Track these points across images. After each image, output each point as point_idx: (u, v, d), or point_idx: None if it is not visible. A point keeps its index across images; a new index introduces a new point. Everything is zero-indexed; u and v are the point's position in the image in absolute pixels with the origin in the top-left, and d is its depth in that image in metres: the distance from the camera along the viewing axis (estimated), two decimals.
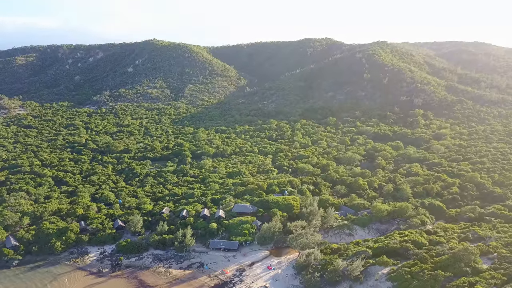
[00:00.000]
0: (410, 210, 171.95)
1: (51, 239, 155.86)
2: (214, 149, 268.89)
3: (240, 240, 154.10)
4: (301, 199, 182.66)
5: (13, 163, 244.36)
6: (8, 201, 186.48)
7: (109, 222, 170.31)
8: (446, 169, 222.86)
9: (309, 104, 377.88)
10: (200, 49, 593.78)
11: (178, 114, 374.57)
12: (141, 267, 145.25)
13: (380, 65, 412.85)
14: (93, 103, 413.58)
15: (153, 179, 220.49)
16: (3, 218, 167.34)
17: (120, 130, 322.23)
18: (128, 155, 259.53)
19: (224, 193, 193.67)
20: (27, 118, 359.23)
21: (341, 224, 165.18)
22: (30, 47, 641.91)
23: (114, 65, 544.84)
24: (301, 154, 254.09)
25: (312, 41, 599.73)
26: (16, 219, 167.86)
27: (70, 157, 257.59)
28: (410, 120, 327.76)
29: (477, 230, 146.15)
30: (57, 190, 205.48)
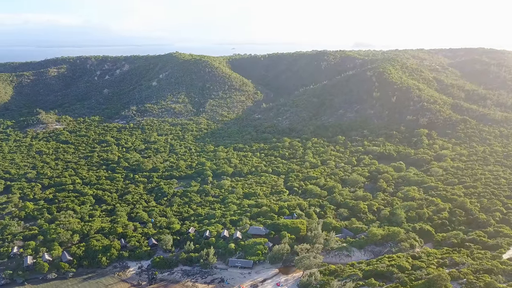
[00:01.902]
0: (402, 234, 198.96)
1: (98, 255, 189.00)
2: (232, 169, 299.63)
3: (254, 259, 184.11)
4: (307, 222, 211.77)
5: (58, 180, 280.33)
6: (60, 219, 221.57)
7: (144, 240, 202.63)
8: (441, 193, 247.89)
9: (320, 122, 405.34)
10: (220, 62, 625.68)
11: (199, 130, 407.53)
12: (172, 281, 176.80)
13: (389, 83, 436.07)
14: (122, 118, 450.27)
15: (180, 199, 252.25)
16: (57, 235, 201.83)
17: (147, 147, 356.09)
18: (156, 174, 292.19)
19: (241, 214, 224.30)
20: (63, 133, 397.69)
21: (340, 246, 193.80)
22: (61, 58, 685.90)
23: (140, 78, 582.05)
24: (311, 175, 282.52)
25: (327, 54, 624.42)
26: (68, 236, 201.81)
27: (106, 175, 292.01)
28: (414, 140, 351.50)
29: (454, 257, 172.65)
30: (98, 208, 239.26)
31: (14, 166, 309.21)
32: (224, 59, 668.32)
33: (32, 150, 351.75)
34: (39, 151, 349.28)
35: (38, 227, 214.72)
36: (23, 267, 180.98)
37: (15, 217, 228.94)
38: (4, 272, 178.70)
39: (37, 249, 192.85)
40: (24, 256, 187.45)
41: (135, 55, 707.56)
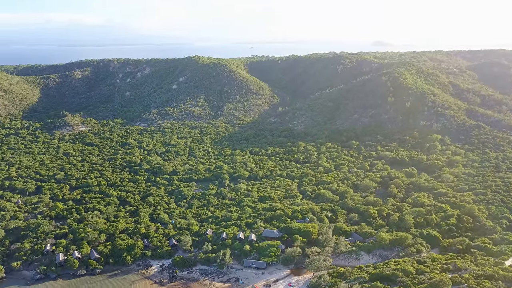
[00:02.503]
0: (409, 240, 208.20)
1: (123, 253, 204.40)
2: (248, 172, 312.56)
3: (268, 260, 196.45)
4: (319, 226, 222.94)
5: (84, 182, 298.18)
6: (87, 219, 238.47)
7: (165, 240, 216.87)
8: (450, 199, 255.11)
9: (335, 126, 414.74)
10: (238, 65, 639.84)
11: (217, 133, 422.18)
12: (191, 279, 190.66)
13: (404, 88, 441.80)
14: (143, 121, 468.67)
15: (198, 201, 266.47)
16: (86, 234, 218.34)
17: (168, 150, 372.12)
18: (176, 177, 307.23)
19: (256, 217, 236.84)
20: (88, 135, 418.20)
21: (349, 250, 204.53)
22: (85, 61, 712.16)
23: (160, 81, 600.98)
24: (324, 180, 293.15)
25: (343, 57, 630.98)
26: (95, 236, 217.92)
27: (129, 177, 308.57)
28: (427, 145, 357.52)
29: (457, 262, 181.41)
30: (122, 209, 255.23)
31: (43, 167, 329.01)
32: (242, 62, 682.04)
33: (60, 152, 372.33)
34: (66, 153, 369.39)
35: (68, 226, 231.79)
36: (56, 263, 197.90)
37: (47, 216, 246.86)
38: (39, 267, 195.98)
39: (68, 247, 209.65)
40: (56, 253, 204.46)
41: (155, 58, 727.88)
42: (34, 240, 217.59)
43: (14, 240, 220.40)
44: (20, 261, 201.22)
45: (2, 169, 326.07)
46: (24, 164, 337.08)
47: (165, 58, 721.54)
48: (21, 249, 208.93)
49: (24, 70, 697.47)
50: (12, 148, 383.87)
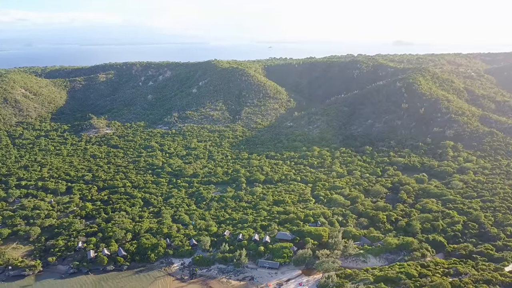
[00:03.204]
0: (415, 244, 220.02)
1: (147, 251, 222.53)
2: (264, 176, 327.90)
3: (281, 261, 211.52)
4: (330, 229, 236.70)
5: (111, 183, 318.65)
6: (114, 219, 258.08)
7: (186, 240, 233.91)
8: (458, 206, 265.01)
9: (349, 131, 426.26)
10: (256, 69, 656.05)
11: (235, 137, 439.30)
12: (210, 277, 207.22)
13: (418, 94, 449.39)
14: (165, 124, 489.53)
15: (217, 203, 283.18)
16: (113, 233, 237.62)
17: (188, 153, 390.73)
18: (196, 179, 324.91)
19: (270, 220, 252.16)
20: (113, 138, 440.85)
21: (357, 253, 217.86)
22: (109, 64, 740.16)
23: (180, 84, 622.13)
24: (336, 185, 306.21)
25: (359, 62, 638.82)
26: (122, 235, 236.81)
27: (152, 179, 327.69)
28: (439, 152, 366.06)
29: (459, 267, 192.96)
30: (146, 210, 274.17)
31: (73, 169, 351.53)
32: (260, 66, 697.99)
33: (87, 153, 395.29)
34: (93, 154, 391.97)
35: (97, 225, 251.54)
36: (87, 259, 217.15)
37: (77, 215, 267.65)
38: (72, 263, 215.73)
39: (98, 244, 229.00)
40: (87, 250, 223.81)
41: (176, 61, 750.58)
42: (67, 238, 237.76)
43: (49, 237, 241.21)
44: (55, 257, 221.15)
45: (35, 169, 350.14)
46: (55, 165, 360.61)
47: (185, 62, 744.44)
48: (55, 246, 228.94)
49: (51, 73, 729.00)
50: (43, 149, 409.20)
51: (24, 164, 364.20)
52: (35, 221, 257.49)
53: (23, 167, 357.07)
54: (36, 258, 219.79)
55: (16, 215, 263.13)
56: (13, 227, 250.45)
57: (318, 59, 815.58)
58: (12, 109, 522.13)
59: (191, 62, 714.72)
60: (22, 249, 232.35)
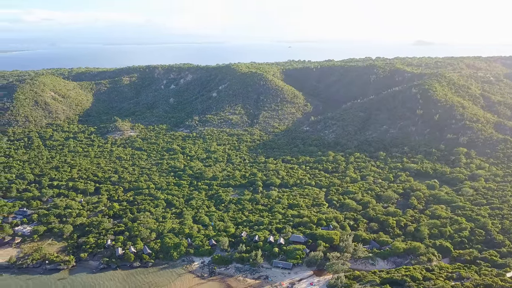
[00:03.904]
0: (422, 249, 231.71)
1: (170, 250, 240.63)
2: (280, 180, 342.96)
3: (294, 262, 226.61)
4: (341, 233, 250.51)
5: (135, 185, 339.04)
6: (140, 219, 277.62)
7: (206, 240, 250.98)
8: (467, 213, 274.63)
9: (364, 137, 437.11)
10: (274, 73, 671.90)
11: (253, 141, 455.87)
12: (228, 275, 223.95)
13: (433, 101, 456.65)
14: (186, 127, 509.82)
15: (235, 206, 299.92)
16: (139, 232, 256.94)
17: (208, 156, 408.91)
18: (216, 182, 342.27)
19: (285, 223, 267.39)
20: (137, 140, 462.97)
21: (366, 256, 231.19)
22: (133, 67, 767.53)
23: (201, 88, 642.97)
24: (349, 190, 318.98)
25: (376, 67, 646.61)
26: (147, 234, 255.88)
27: (174, 181, 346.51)
28: (452, 158, 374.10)
29: (462, 272, 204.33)
30: (169, 211, 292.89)
31: (100, 170, 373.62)
32: (278, 70, 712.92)
33: (113, 155, 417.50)
34: (119, 156, 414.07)
35: (124, 225, 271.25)
36: (116, 256, 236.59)
37: (106, 215, 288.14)
38: (102, 259, 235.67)
39: (125, 242, 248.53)
40: (115, 248, 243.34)
41: (197, 65, 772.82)
42: (97, 235, 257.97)
43: (81, 235, 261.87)
44: (87, 253, 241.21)
45: (65, 170, 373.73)
46: (83, 166, 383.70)
47: (204, 64, 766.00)
48: (87, 243, 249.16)
49: (78, 75, 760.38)
50: (72, 151, 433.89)
51: (55, 165, 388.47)
52: (67, 220, 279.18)
53: (55, 167, 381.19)
54: (70, 254, 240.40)
55: (50, 213, 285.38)
56: (48, 225, 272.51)
57: (336, 62, 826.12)
58: (43, 111, 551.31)
59: (211, 66, 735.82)
60: (56, 245, 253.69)
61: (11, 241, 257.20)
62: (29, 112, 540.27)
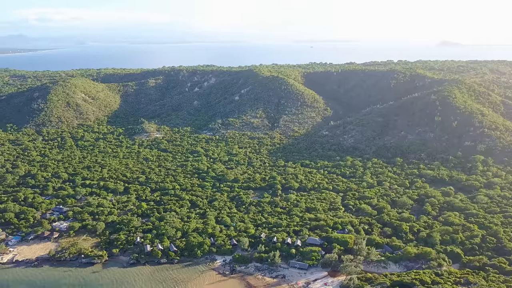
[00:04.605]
0: (433, 254, 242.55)
1: (194, 248, 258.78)
2: (298, 184, 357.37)
3: (309, 263, 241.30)
4: (355, 237, 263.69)
5: (162, 185, 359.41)
6: (166, 218, 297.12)
7: (227, 240, 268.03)
8: (479, 220, 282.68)
9: (382, 142, 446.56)
10: (295, 77, 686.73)
11: (273, 144, 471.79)
12: (247, 273, 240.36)
13: (452, 108, 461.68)
14: (209, 130, 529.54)
15: (255, 208, 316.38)
16: (166, 231, 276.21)
17: (230, 159, 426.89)
18: (237, 184, 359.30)
19: (302, 226, 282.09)
20: (163, 142, 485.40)
21: (379, 260, 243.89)
22: (158, 70, 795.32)
23: (224, 91, 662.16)
24: (366, 195, 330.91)
25: (397, 72, 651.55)
26: (173, 232, 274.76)
27: (198, 183, 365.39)
28: (469, 166, 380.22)
29: (469, 277, 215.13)
30: (193, 211, 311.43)
31: (128, 171, 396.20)
32: (299, 73, 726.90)
33: (140, 156, 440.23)
34: (146, 158, 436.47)
35: (151, 223, 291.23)
36: (144, 252, 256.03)
37: (135, 213, 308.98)
38: (132, 255, 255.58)
39: (153, 240, 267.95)
40: (144, 245, 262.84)
41: (219, 66, 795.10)
42: (127, 233, 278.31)
43: (112, 232, 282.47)
44: (118, 249, 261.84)
45: (96, 170, 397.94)
46: (113, 166, 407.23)
47: (228, 66, 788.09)
48: (118, 239, 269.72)
49: (106, 77, 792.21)
50: (102, 151, 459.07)
51: (87, 164, 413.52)
52: (99, 217, 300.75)
53: (87, 167, 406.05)
54: (103, 249, 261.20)
55: (84, 211, 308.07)
56: (82, 222, 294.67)
57: (357, 65, 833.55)
58: (74, 112, 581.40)
59: (234, 69, 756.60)
60: (90, 241, 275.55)
61: (50, 235, 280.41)
62: (61, 113, 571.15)
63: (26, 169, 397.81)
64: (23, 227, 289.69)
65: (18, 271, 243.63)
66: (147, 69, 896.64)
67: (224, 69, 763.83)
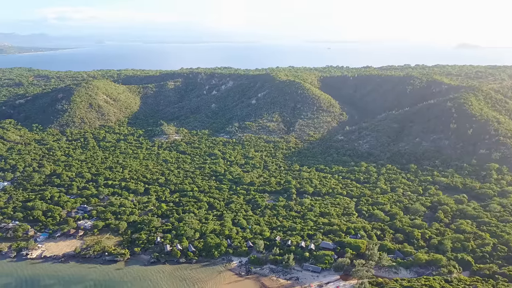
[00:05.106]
0: (443, 261, 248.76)
1: (212, 249, 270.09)
2: (312, 188, 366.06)
3: (322, 266, 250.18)
4: (368, 242, 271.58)
5: (180, 187, 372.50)
6: (185, 219, 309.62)
7: (244, 242, 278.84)
8: (491, 229, 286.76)
9: (397, 148, 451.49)
10: (312, 81, 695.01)
11: (288, 148, 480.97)
12: (262, 274, 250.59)
13: (468, 115, 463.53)
14: (226, 133, 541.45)
15: (270, 211, 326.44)
16: (185, 231, 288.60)
17: (246, 162, 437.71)
18: (253, 188, 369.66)
19: (316, 230, 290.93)
20: (181, 144, 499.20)
21: (390, 265, 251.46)
22: (177, 72, 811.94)
23: (241, 95, 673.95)
24: (379, 201, 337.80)
25: (413, 78, 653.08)
26: (192, 233, 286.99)
27: (215, 185, 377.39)
28: (483, 174, 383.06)
29: (478, 285, 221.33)
30: (210, 213, 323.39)
31: (148, 172, 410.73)
32: (315, 77, 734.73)
33: (160, 158, 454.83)
34: (165, 159, 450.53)
35: (171, 224, 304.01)
36: (164, 252, 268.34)
37: (155, 214, 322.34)
38: (153, 254, 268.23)
39: (172, 240, 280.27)
40: (164, 244, 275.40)
41: (236, 69, 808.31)
42: (148, 233, 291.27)
43: (134, 231, 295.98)
44: (139, 248, 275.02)
45: (118, 171, 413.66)
46: (134, 167, 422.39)
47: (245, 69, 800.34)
48: (139, 239, 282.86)
49: (127, 79, 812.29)
50: (123, 152, 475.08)
51: (109, 165, 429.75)
52: (121, 217, 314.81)
53: (108, 168, 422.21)
54: (125, 248, 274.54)
55: (107, 210, 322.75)
56: (105, 221, 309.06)
57: (374, 70, 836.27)
58: (96, 114, 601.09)
59: (251, 71, 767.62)
60: (113, 239, 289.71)
61: (75, 233, 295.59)
62: (84, 114, 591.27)
63: (51, 169, 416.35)
64: (50, 224, 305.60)
65: (46, 266, 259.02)
66: (165, 70, 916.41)
67: (241, 72, 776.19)
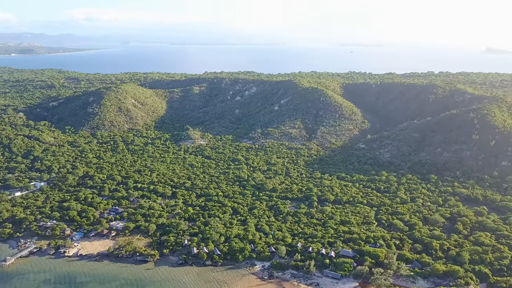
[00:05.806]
0: (461, 273, 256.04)
1: (236, 253, 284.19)
2: (333, 196, 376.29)
3: (342, 273, 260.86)
4: (386, 251, 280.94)
5: (206, 191, 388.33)
6: (211, 223, 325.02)
7: (266, 247, 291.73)
8: (510, 242, 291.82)
9: (418, 158, 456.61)
10: (334, 88, 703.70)
11: (310, 156, 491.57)
12: (284, 279, 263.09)
13: (491, 126, 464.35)
14: (249, 138, 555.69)
15: (291, 218, 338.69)
16: (210, 235, 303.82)
17: (269, 168, 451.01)
18: (275, 194, 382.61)
19: (336, 238, 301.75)
20: (206, 149, 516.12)
21: (408, 274, 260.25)
22: (202, 77, 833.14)
23: (264, 101, 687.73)
24: (398, 211, 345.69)
25: (436, 86, 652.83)
26: (217, 237, 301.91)
27: (239, 190, 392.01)
28: (504, 186, 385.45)
29: None
30: (235, 218, 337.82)
31: (175, 176, 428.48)
32: (338, 84, 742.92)
33: (186, 162, 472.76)
34: (191, 164, 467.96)
35: (197, 227, 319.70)
36: (191, 254, 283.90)
37: (182, 217, 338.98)
38: (180, 256, 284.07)
39: (199, 243, 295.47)
40: (191, 247, 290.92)
41: (259, 74, 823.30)
42: (176, 235, 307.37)
43: (162, 233, 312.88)
44: (168, 249, 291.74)
45: (146, 174, 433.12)
46: (161, 171, 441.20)
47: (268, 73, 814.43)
48: (168, 241, 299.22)
49: (153, 83, 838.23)
50: (151, 156, 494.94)
51: (138, 168, 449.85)
52: (151, 219, 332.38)
53: (137, 171, 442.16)
54: (154, 249, 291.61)
55: (137, 212, 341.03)
56: (136, 222, 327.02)
57: (397, 77, 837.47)
58: (125, 117, 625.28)
59: (274, 77, 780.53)
60: (143, 241, 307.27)
61: (108, 234, 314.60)
62: (113, 117, 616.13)
63: (84, 170, 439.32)
64: (84, 224, 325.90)
65: (83, 264, 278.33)
66: (190, 74, 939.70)
67: (264, 78, 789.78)
